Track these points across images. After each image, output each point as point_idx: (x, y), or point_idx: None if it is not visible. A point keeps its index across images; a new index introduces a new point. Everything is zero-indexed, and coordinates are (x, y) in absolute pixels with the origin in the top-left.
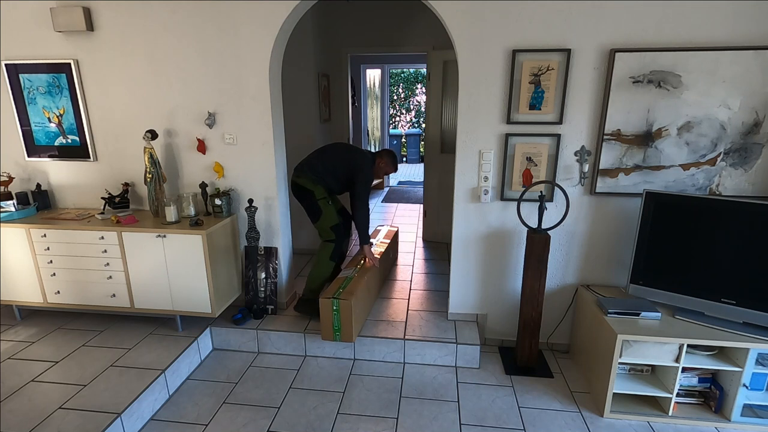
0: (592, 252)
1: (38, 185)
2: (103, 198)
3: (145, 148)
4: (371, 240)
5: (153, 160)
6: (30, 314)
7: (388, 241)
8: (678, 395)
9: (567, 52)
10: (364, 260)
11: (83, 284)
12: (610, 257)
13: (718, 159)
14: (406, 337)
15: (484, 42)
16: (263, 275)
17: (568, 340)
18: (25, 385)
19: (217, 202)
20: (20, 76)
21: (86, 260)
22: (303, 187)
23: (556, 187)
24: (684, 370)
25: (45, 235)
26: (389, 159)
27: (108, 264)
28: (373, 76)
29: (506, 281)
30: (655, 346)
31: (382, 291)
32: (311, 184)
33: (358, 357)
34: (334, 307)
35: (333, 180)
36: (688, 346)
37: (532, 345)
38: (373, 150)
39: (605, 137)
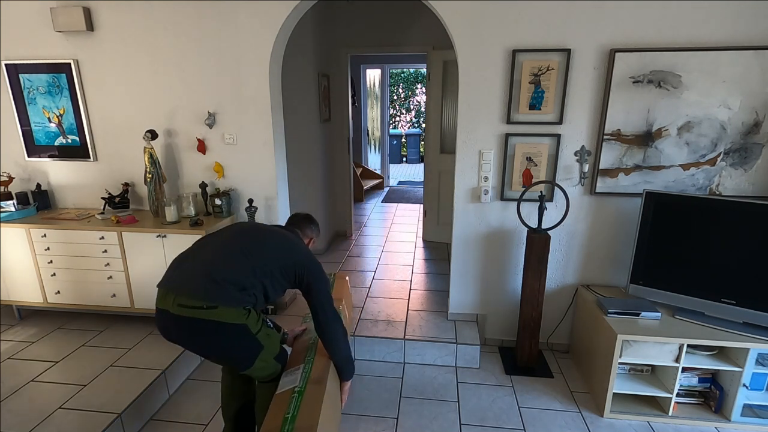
0: (592, 252)
1: (38, 185)
2: (103, 198)
3: (145, 148)
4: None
5: (153, 160)
6: (30, 314)
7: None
8: (678, 395)
9: (567, 52)
10: (316, 344)
11: (83, 284)
12: (610, 257)
13: (718, 159)
14: (406, 337)
15: (484, 42)
16: None
17: (568, 340)
18: (25, 385)
19: (217, 202)
20: (20, 76)
21: (86, 260)
22: (216, 322)
23: (556, 187)
24: (684, 370)
25: (45, 235)
26: (317, 233)
27: (108, 264)
28: (373, 76)
29: (506, 281)
30: (655, 346)
31: (380, 292)
32: (240, 315)
33: (358, 357)
34: None
35: (262, 297)
36: (688, 346)
37: (532, 345)
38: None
39: (605, 137)
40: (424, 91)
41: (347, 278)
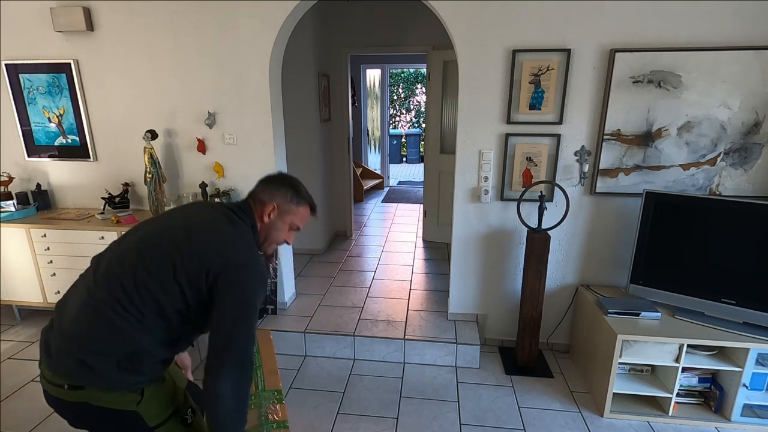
0: (592, 252)
1: (38, 185)
2: (103, 198)
3: (145, 148)
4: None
5: (153, 160)
6: (30, 314)
7: None
8: (678, 395)
9: (567, 52)
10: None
11: None
12: (610, 257)
13: (718, 159)
14: (406, 337)
15: (484, 42)
16: None
17: (568, 340)
18: (25, 385)
19: (217, 201)
20: (20, 76)
21: (86, 260)
22: (93, 407)
23: (556, 187)
24: (684, 370)
25: (45, 235)
26: (293, 198)
27: None
28: (373, 76)
29: (506, 281)
30: (655, 346)
31: (380, 292)
32: (126, 400)
33: (358, 357)
34: None
35: (164, 352)
36: (688, 346)
37: (532, 345)
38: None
39: (605, 137)
40: (424, 91)
41: (271, 337)
